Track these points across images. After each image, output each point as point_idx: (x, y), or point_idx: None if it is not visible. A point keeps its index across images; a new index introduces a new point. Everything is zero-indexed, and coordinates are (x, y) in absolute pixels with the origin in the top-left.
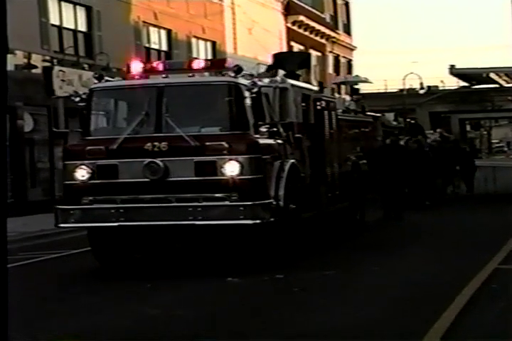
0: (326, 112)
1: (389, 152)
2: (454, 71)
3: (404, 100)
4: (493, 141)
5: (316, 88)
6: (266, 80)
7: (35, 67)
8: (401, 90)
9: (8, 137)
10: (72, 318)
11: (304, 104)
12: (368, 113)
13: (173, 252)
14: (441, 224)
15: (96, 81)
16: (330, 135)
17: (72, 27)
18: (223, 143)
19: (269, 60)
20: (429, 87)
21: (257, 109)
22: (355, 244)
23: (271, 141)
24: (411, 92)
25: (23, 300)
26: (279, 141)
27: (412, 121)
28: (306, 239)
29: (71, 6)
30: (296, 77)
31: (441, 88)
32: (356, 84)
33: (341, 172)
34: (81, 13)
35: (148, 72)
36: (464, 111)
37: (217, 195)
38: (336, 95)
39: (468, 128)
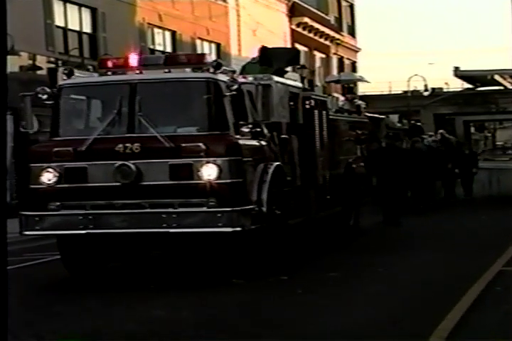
0: (316, 112)
1: (385, 154)
2: (458, 73)
3: (408, 102)
4: (498, 143)
5: (302, 85)
6: (250, 77)
7: (40, 68)
8: (405, 92)
9: (13, 138)
10: (74, 320)
11: (291, 103)
12: (372, 114)
13: (153, 259)
14: (441, 227)
15: (65, 77)
16: (320, 136)
17: (77, 28)
18: (200, 144)
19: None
20: (433, 88)
21: (237, 107)
22: (351, 249)
23: (253, 142)
24: (415, 94)
25: (25, 301)
26: (263, 142)
27: (412, 122)
28: (293, 246)
29: (76, 7)
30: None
31: (445, 90)
32: (352, 83)
33: (333, 175)
34: (86, 14)
35: (121, 67)
36: (468, 113)
37: (193, 200)
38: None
39: (472, 130)
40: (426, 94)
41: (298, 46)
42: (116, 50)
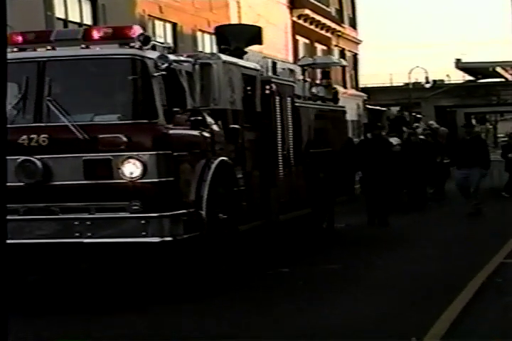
0: (277, 98)
1: (371, 147)
2: (460, 65)
3: (409, 94)
4: (499, 135)
5: (260, 67)
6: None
7: None
8: (406, 84)
9: None
10: None
11: (248, 88)
12: (373, 107)
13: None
14: (439, 222)
15: None
16: (283, 126)
17: (78, 20)
18: (121, 135)
19: (275, 54)
20: (434, 81)
21: (170, 91)
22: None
23: (191, 133)
24: (416, 86)
25: None
26: (205, 133)
27: (394, 109)
28: (246, 257)
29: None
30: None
31: (446, 82)
32: (329, 67)
33: (300, 171)
34: (86, 6)
35: (31, 42)
36: (469, 105)
37: (113, 204)
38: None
39: (474, 122)
40: (427, 86)
41: (299, 38)
42: None
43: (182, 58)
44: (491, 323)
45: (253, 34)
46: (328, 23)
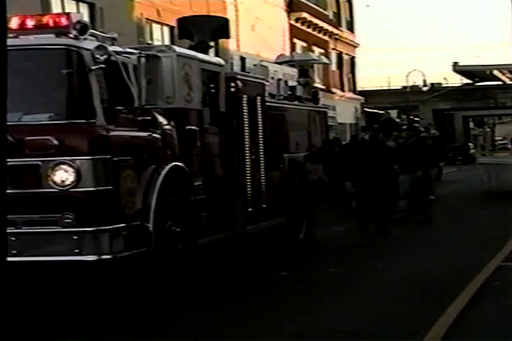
0: (244, 97)
1: (367, 150)
2: (457, 68)
3: (407, 97)
4: (497, 138)
5: (224, 63)
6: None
7: None
8: (404, 87)
9: None
10: None
11: (210, 85)
12: (371, 110)
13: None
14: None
15: None
16: (251, 128)
17: None
18: (51, 137)
19: (273, 57)
20: (432, 84)
21: (113, 87)
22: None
23: (136, 135)
24: (414, 89)
25: None
26: (155, 135)
27: (379, 111)
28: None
29: (74, 3)
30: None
31: (444, 85)
32: (308, 65)
33: (272, 178)
34: (84, 9)
35: None
36: (467, 108)
37: (42, 216)
38: (334, 90)
39: (471, 125)
40: (425, 89)
41: (297, 41)
42: None
43: (124, 49)
44: (489, 326)
45: (219, 26)
46: (325, 26)
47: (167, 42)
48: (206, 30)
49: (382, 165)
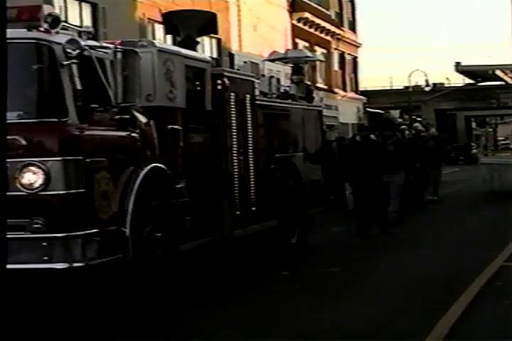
0: (233, 95)
1: (361, 150)
2: (459, 68)
3: (409, 97)
4: (499, 138)
5: (210, 59)
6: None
7: None
8: (406, 87)
9: None
10: None
11: (196, 82)
12: (373, 110)
13: None
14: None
15: None
16: (239, 127)
17: (78, 24)
18: (18, 137)
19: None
20: (434, 84)
21: (87, 83)
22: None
23: (113, 135)
24: (416, 89)
25: None
26: (134, 135)
27: (381, 111)
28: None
29: (76, 3)
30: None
31: (446, 85)
32: (302, 63)
33: (263, 179)
34: (86, 9)
35: None
36: (469, 108)
37: (9, 221)
38: (336, 90)
39: (474, 125)
40: (427, 89)
41: (299, 41)
42: None
43: (100, 44)
44: (491, 326)
45: (206, 21)
46: (327, 26)
47: (169, 42)
48: (193, 26)
49: (376, 165)
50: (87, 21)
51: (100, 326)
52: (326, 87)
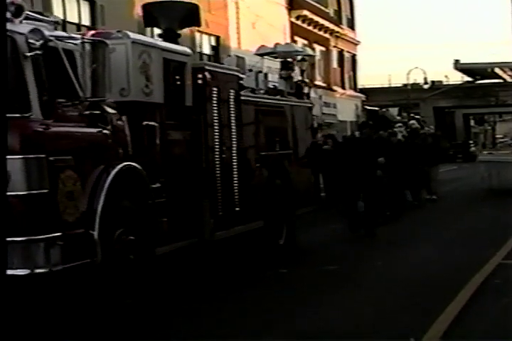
0: (215, 90)
1: (360, 147)
2: (458, 66)
3: (408, 95)
4: (498, 136)
5: (190, 52)
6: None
7: None
8: (405, 85)
9: None
10: None
11: (175, 77)
12: (372, 108)
13: None
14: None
15: None
16: (223, 124)
17: (76, 21)
18: None
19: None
20: (433, 81)
21: (53, 76)
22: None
23: (81, 131)
24: (415, 87)
25: None
26: (105, 132)
27: (378, 109)
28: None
29: (74, 0)
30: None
31: (445, 83)
32: (291, 57)
33: (247, 178)
34: (85, 7)
35: None
36: (468, 106)
37: None
38: (335, 88)
39: (472, 123)
40: (426, 87)
41: (297, 39)
42: None
43: (67, 35)
44: (490, 324)
45: (188, 13)
46: (326, 24)
47: None
48: (173, 17)
49: (369, 162)
50: (86, 19)
51: (67, 334)
52: (324, 84)
